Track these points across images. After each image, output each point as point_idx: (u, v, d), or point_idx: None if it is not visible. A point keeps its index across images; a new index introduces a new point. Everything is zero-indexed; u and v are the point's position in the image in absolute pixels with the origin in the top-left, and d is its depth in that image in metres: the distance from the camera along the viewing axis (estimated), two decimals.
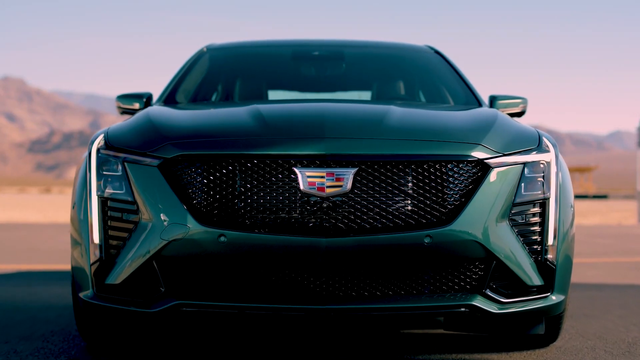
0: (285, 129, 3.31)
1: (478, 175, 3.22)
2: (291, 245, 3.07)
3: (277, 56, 5.24)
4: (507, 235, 3.23)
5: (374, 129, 3.32)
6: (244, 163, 3.15)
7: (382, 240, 3.09)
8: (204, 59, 5.16)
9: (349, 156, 3.13)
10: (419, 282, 3.20)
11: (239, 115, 3.60)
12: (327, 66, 5.24)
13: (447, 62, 5.14)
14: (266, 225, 3.11)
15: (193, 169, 3.19)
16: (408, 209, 3.16)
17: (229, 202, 3.14)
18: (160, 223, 3.16)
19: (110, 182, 3.32)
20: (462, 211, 3.16)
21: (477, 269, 3.23)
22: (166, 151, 3.22)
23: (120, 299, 3.26)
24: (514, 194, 3.26)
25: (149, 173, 3.22)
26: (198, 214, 3.14)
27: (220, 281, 3.18)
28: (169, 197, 3.17)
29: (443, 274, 3.21)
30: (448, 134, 3.33)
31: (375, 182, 3.15)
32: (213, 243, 3.09)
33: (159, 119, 3.58)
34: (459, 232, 3.14)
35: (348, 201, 3.12)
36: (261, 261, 3.12)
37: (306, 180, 3.10)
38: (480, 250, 3.17)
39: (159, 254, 3.16)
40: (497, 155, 3.27)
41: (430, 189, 3.17)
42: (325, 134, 3.21)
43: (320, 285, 3.15)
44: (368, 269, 3.15)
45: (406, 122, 3.48)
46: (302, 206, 3.11)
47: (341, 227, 3.10)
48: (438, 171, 3.19)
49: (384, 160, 3.15)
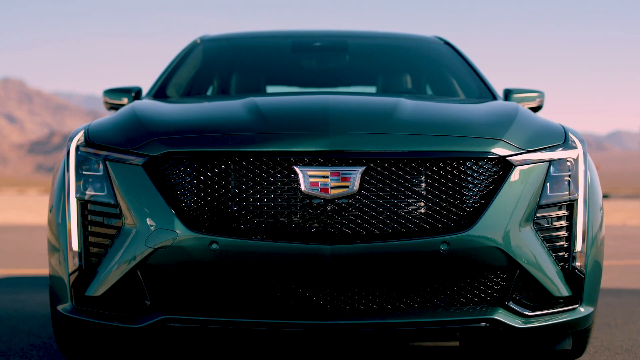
0: (284, 123, 3.01)
1: (499, 175, 2.93)
2: (291, 253, 2.79)
3: (275, 48, 4.95)
4: (532, 241, 2.93)
5: (383, 123, 3.01)
6: (238, 161, 2.86)
7: (393, 248, 2.80)
8: (197, 51, 4.87)
9: (356, 153, 2.84)
10: (435, 294, 2.91)
11: (234, 109, 3.30)
12: (330, 58, 4.98)
13: (457, 53, 4.87)
14: (263, 230, 2.82)
15: (182, 168, 2.90)
16: (422, 212, 2.85)
17: (221, 205, 2.85)
18: (145, 228, 2.88)
19: (90, 183, 3.04)
20: (482, 214, 2.86)
21: (499, 279, 2.94)
22: (152, 148, 2.93)
23: (102, 313, 2.99)
24: (539, 195, 2.98)
25: (132, 173, 2.94)
26: (187, 219, 2.85)
27: (212, 293, 2.90)
28: (155, 200, 2.88)
29: (461, 284, 2.92)
30: (466, 128, 3.03)
31: (386, 182, 2.85)
32: (204, 251, 2.81)
33: (145, 113, 3.28)
34: (479, 237, 2.84)
35: (355, 204, 2.82)
36: (258, 271, 2.84)
37: (308, 181, 2.81)
38: (502, 257, 2.87)
39: (144, 263, 2.88)
40: (520, 152, 2.97)
41: (447, 190, 2.88)
42: (330, 128, 2.90)
43: (325, 298, 2.86)
44: (378, 279, 2.86)
45: (419, 115, 3.18)
46: (304, 209, 2.81)
47: (347, 233, 2.81)
48: (455, 170, 2.89)
49: (395, 158, 2.85)
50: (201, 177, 2.88)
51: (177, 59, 4.75)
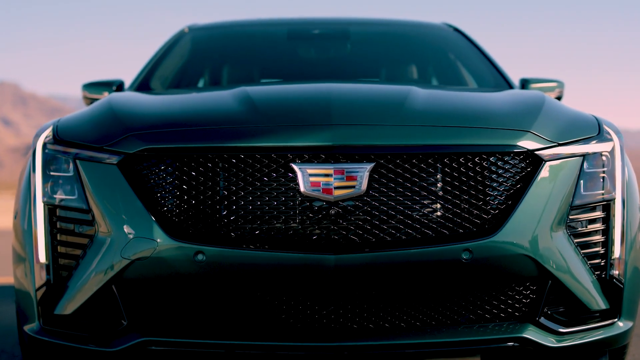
0: (280, 114, 2.67)
1: (527, 171, 2.59)
2: (289, 264, 2.46)
3: (270, 36, 4.62)
4: (565, 247, 2.59)
5: (394, 114, 2.66)
6: (227, 159, 2.51)
7: (407, 257, 2.47)
8: (184, 40, 4.52)
9: (363, 148, 2.49)
10: (455, 310, 2.57)
11: (222, 100, 2.95)
12: (330, 47, 4.66)
13: (469, 40, 4.57)
14: (256, 238, 2.48)
15: (162, 167, 2.55)
16: (440, 215, 2.51)
17: (208, 209, 2.51)
18: (121, 237, 2.55)
19: (59, 185, 2.71)
20: (509, 217, 2.52)
21: (528, 291, 2.60)
22: (128, 145, 2.57)
23: (73, 334, 2.65)
24: (572, 194, 2.64)
25: (106, 173, 2.60)
26: (169, 225, 2.51)
27: (198, 312, 2.58)
28: (132, 204, 2.55)
29: (485, 298, 2.58)
30: (488, 119, 2.69)
31: (398, 182, 2.50)
32: (188, 262, 2.47)
33: (122, 105, 2.91)
34: (506, 244, 2.50)
35: (363, 206, 2.47)
36: (251, 285, 2.50)
37: (308, 180, 2.47)
38: (532, 266, 2.54)
39: (120, 277, 2.55)
40: (551, 145, 2.63)
41: (468, 189, 2.53)
42: (333, 119, 2.54)
43: (329, 315, 2.52)
44: (389, 293, 2.53)
45: (434, 105, 2.83)
46: (303, 213, 2.47)
47: (354, 241, 2.46)
48: (477, 166, 2.54)
49: (408, 153, 2.50)
50: (185, 177, 2.54)
51: (162, 49, 4.41)
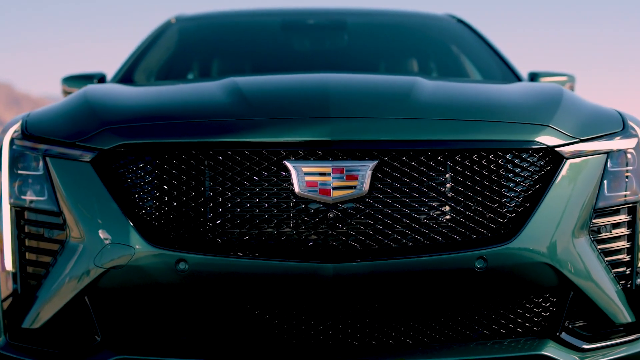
0: (272, 106, 2.43)
1: (547, 170, 2.35)
2: (283, 274, 2.22)
3: (262, 27, 4.39)
4: (587, 254, 2.37)
5: (399, 106, 2.42)
6: (213, 155, 2.27)
7: (414, 266, 2.23)
8: (171, 32, 4.28)
9: (365, 143, 2.25)
10: (467, 324, 2.33)
11: (208, 91, 2.71)
12: (326, 38, 4.45)
13: (474, 32, 4.35)
14: (246, 245, 2.24)
15: (141, 164, 2.32)
16: (450, 219, 2.27)
17: (192, 211, 2.28)
18: (94, 243, 2.30)
19: (28, 185, 2.49)
20: (527, 221, 2.29)
21: (548, 303, 2.38)
22: (103, 140, 2.34)
23: (41, 350, 2.41)
24: (595, 195, 2.41)
25: (79, 171, 2.37)
26: (148, 230, 2.28)
27: (180, 327, 2.34)
28: (107, 206, 2.32)
29: (501, 311, 2.35)
30: (502, 112, 2.45)
31: (404, 181, 2.26)
32: (169, 271, 2.24)
33: (98, 97, 2.66)
34: (524, 251, 2.27)
35: (364, 209, 2.23)
36: (239, 298, 2.26)
37: (303, 179, 2.23)
38: (552, 276, 2.31)
39: (94, 288, 2.30)
40: (573, 141, 2.39)
41: (482, 190, 2.29)
42: (331, 111, 2.30)
43: (326, 331, 2.29)
44: (394, 306, 2.28)
45: (443, 97, 2.59)
46: (298, 217, 2.24)
47: (355, 248, 2.23)
48: (493, 164, 2.31)
49: (416, 149, 2.26)
50: (165, 176, 2.29)
51: (147, 41, 4.17)
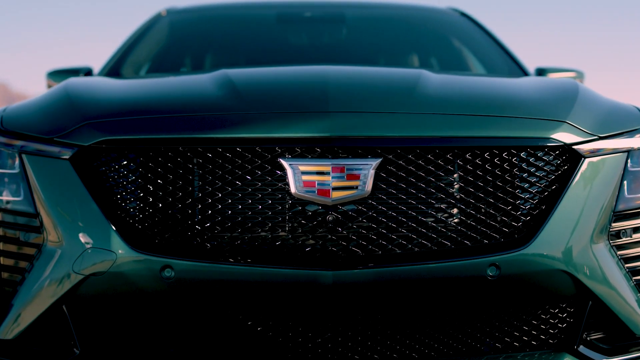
0: (266, 100, 2.25)
1: (564, 170, 2.17)
2: (277, 282, 2.02)
3: (257, 20, 4.21)
4: (607, 260, 2.19)
5: (404, 100, 2.23)
6: (202, 153, 2.08)
7: (420, 273, 2.03)
8: (161, 25, 4.10)
9: (368, 140, 2.06)
10: (478, 337, 2.16)
11: (199, 84, 2.52)
12: (323, 32, 4.26)
13: (478, 26, 4.17)
14: (237, 250, 2.05)
15: (124, 162, 2.13)
16: (460, 222, 2.09)
17: (179, 213, 2.10)
18: (73, 247, 2.11)
19: (4, 184, 2.33)
20: (543, 225, 2.11)
21: (565, 314, 2.20)
22: (83, 135, 2.15)
23: None
24: (615, 197, 2.22)
25: (57, 170, 2.18)
26: (131, 233, 2.09)
27: (165, 340, 2.14)
28: (87, 207, 2.13)
29: (514, 322, 2.16)
30: (516, 107, 2.27)
31: (410, 181, 2.07)
32: (154, 279, 2.05)
33: (79, 91, 2.48)
34: (540, 257, 2.09)
35: (367, 211, 2.05)
36: (230, 308, 2.06)
37: (300, 179, 2.04)
38: (569, 284, 2.13)
39: (72, 296, 2.11)
40: (591, 139, 2.21)
41: (495, 191, 2.12)
42: (330, 105, 2.12)
43: (325, 344, 2.10)
44: (398, 317, 2.09)
45: (451, 90, 2.41)
46: (294, 220, 2.05)
47: (356, 253, 2.04)
48: (506, 162, 2.13)
49: (423, 147, 2.08)
50: (150, 175, 2.11)
51: (136, 34, 3.98)
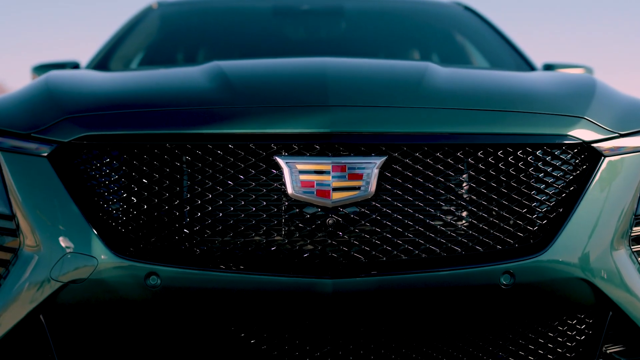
0: (261, 93, 2.09)
1: (582, 169, 2.01)
2: (273, 291, 1.85)
3: (252, 13, 4.05)
4: (628, 267, 2.04)
5: (410, 94, 2.07)
6: (192, 149, 1.92)
7: (428, 282, 1.87)
8: (152, 18, 3.93)
9: (371, 136, 1.90)
10: (489, 350, 2.01)
11: (189, 76, 2.36)
12: (321, 26, 4.10)
13: (483, 20, 4.00)
14: (229, 256, 1.88)
15: (107, 160, 1.97)
16: (472, 226, 1.93)
17: (166, 216, 1.93)
18: (51, 252, 1.94)
19: None
20: (561, 229, 1.95)
21: (584, 325, 2.03)
22: (63, 131, 1.99)
23: None
24: (637, 199, 2.07)
25: (34, 168, 2.02)
26: (113, 237, 1.92)
27: (152, 353, 1.96)
28: (66, 208, 1.96)
29: (529, 335, 2.00)
30: (530, 101, 2.12)
31: (417, 182, 1.91)
32: (138, 287, 1.88)
33: (61, 84, 2.31)
34: (558, 264, 1.93)
35: (370, 214, 1.88)
36: (221, 319, 1.89)
37: (297, 178, 1.87)
38: (589, 293, 1.97)
39: (50, 305, 1.93)
40: (612, 136, 2.05)
41: (509, 193, 1.95)
42: (330, 98, 1.95)
43: (324, 358, 1.90)
44: (403, 329, 1.92)
45: (460, 84, 2.24)
46: (291, 223, 1.89)
47: (358, 260, 1.88)
48: (521, 161, 1.97)
49: (431, 144, 1.92)
50: (135, 174, 1.94)
51: (125, 27, 3.82)
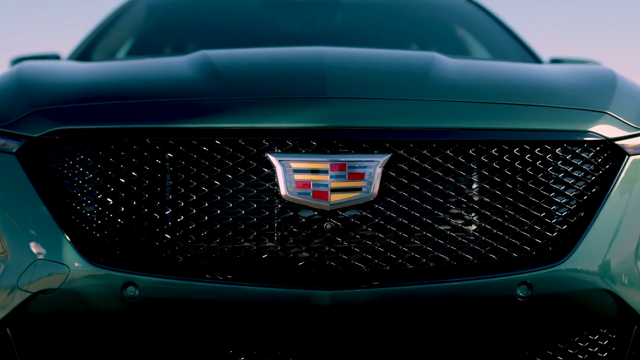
0: (252, 84, 1.92)
1: (605, 169, 1.86)
2: (264, 303, 1.69)
3: (243, 4, 3.85)
4: None
5: (416, 85, 1.91)
6: (174, 146, 1.76)
7: (436, 293, 1.71)
8: (138, 8, 3.76)
9: (374, 132, 1.74)
10: None
11: (174, 66, 2.19)
12: (316, 17, 3.92)
13: (487, 14, 3.85)
14: (216, 264, 1.72)
15: (81, 157, 1.81)
16: (484, 231, 1.75)
17: (146, 220, 1.76)
18: (19, 259, 1.78)
19: None
20: (582, 236, 1.80)
21: (606, 341, 1.87)
22: (32, 125, 1.83)
23: None
24: None
25: (1, 166, 1.87)
26: (87, 243, 1.75)
27: None
28: (35, 211, 1.80)
29: (547, 351, 1.84)
30: (546, 94, 1.96)
31: (425, 182, 1.75)
32: (114, 299, 1.71)
33: (33, 75, 2.13)
34: (579, 273, 1.78)
35: (373, 218, 1.72)
36: (206, 334, 1.73)
37: (292, 178, 1.71)
38: (612, 306, 1.82)
39: (18, 317, 1.78)
40: (636, 133, 1.90)
41: (525, 195, 1.78)
42: (328, 90, 1.78)
43: None
44: (409, 346, 1.76)
45: (470, 75, 2.08)
46: (285, 228, 1.72)
47: (359, 269, 1.72)
48: (538, 160, 1.80)
49: (439, 140, 1.76)
50: (112, 173, 1.78)
51: (109, 19, 3.65)
